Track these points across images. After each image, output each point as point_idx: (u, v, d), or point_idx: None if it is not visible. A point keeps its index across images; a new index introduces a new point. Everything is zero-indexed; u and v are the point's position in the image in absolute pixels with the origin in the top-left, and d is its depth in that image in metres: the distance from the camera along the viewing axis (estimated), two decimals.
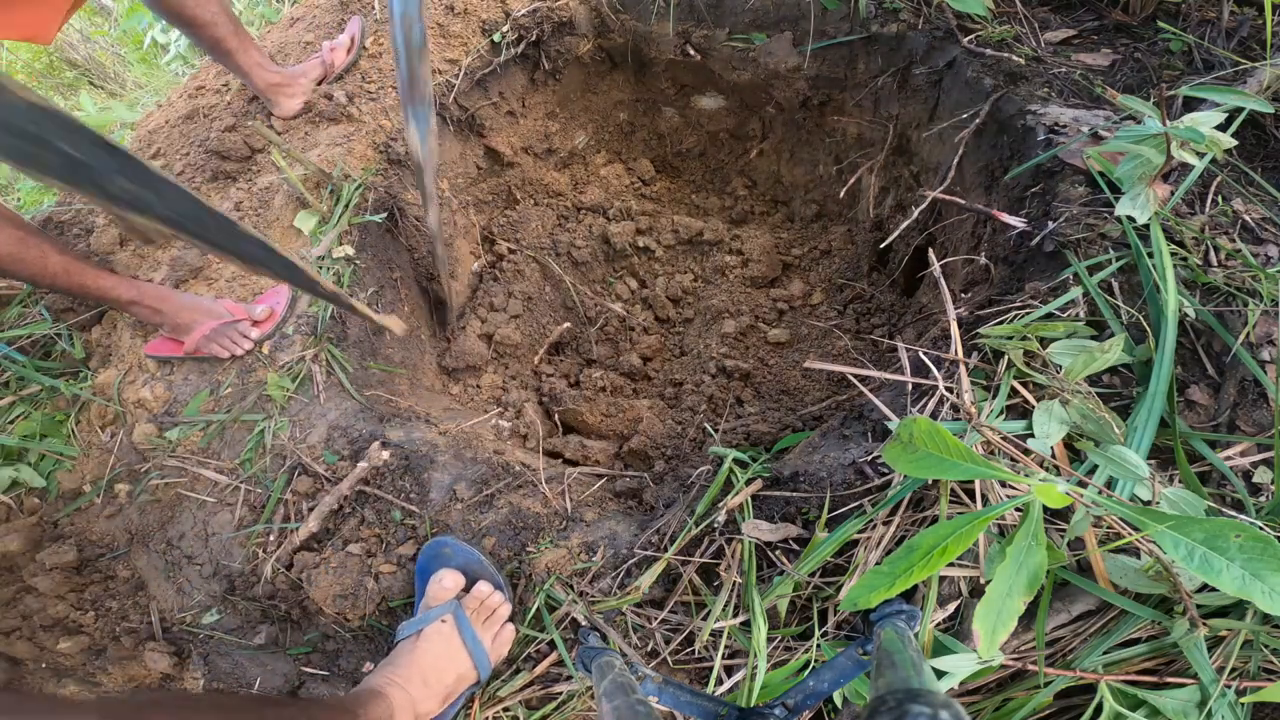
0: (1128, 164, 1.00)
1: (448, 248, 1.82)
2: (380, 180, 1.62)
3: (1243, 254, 0.97)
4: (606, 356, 1.86)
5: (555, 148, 2.10)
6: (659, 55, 1.91)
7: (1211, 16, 1.33)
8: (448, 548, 1.05)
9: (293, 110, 1.66)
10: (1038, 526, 0.65)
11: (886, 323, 1.66)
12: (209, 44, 1.49)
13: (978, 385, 0.92)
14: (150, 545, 1.22)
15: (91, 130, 0.58)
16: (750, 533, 0.93)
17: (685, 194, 2.18)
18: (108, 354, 1.41)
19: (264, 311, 1.34)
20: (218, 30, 1.47)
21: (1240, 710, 0.71)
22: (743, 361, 1.68)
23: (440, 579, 1.01)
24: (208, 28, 1.45)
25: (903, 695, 0.47)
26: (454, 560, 1.05)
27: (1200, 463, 0.83)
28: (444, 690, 0.94)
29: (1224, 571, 0.58)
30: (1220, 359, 0.91)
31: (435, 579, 1.02)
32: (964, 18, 1.49)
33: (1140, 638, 0.76)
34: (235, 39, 1.51)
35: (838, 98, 1.79)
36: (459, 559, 1.04)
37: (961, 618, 0.80)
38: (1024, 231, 1.11)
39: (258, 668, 1.11)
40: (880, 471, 0.92)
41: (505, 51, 1.82)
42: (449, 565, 1.04)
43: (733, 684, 0.87)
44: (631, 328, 1.90)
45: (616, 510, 1.16)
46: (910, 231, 1.56)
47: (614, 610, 0.96)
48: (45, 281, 1.19)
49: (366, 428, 1.24)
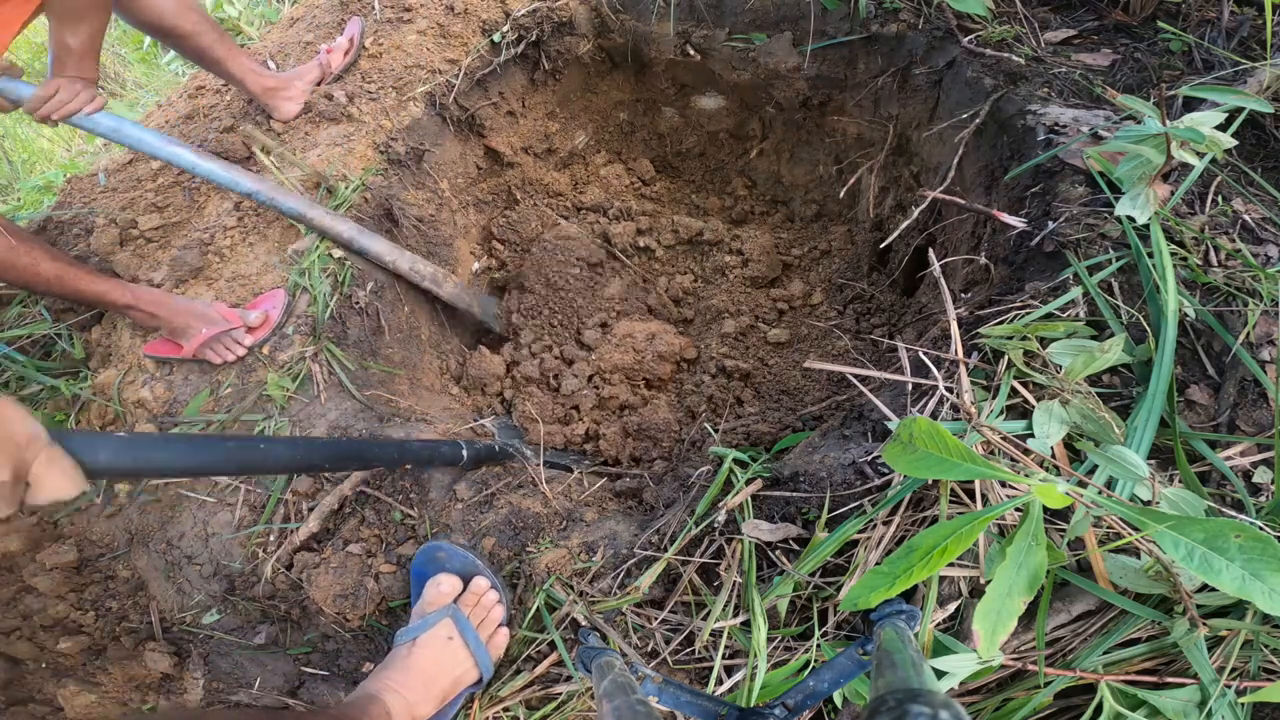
0: (1128, 164, 1.00)
1: (447, 248, 1.82)
2: (380, 180, 1.62)
3: (1243, 254, 0.97)
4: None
5: (555, 148, 2.10)
6: (659, 55, 1.91)
7: (1211, 16, 1.33)
8: (442, 552, 1.05)
9: (291, 113, 1.65)
10: (1038, 526, 0.65)
11: (886, 323, 1.66)
12: (195, 54, 1.48)
13: (978, 385, 0.92)
14: (150, 545, 1.22)
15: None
16: (750, 533, 0.93)
17: (685, 194, 2.18)
18: (107, 354, 1.41)
19: (258, 318, 1.34)
20: (202, 40, 1.46)
21: (1240, 710, 0.71)
22: (743, 361, 1.68)
23: (438, 583, 1.01)
24: (190, 38, 1.44)
25: (903, 695, 0.47)
26: (450, 565, 1.04)
27: (1200, 463, 0.83)
28: (441, 692, 0.94)
29: (1224, 571, 0.58)
30: (1220, 359, 0.91)
31: (433, 583, 1.02)
32: (964, 18, 1.49)
33: (1140, 638, 0.76)
34: (222, 47, 1.50)
35: (838, 98, 1.79)
36: (455, 563, 1.04)
37: (961, 618, 0.80)
38: (1024, 231, 1.11)
39: (257, 668, 1.11)
40: (880, 471, 0.92)
41: (505, 51, 1.82)
42: (445, 569, 1.04)
43: (733, 684, 0.87)
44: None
45: (616, 510, 1.16)
46: (910, 231, 1.56)
47: (614, 610, 0.96)
48: (39, 288, 1.20)
49: (366, 428, 1.24)
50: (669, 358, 1.69)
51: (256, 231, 1.49)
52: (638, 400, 1.65)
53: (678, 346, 1.71)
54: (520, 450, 1.36)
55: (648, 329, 1.73)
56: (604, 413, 1.65)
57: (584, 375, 1.68)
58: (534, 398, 1.66)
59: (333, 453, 0.90)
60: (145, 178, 1.67)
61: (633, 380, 1.68)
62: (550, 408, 1.65)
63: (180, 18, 1.41)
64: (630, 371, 1.67)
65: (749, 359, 1.70)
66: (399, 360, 1.53)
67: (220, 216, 1.52)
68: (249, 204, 1.53)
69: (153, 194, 1.61)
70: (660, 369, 1.67)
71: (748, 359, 1.70)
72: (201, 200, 1.59)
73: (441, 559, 1.05)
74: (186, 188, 1.61)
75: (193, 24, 1.44)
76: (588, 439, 1.59)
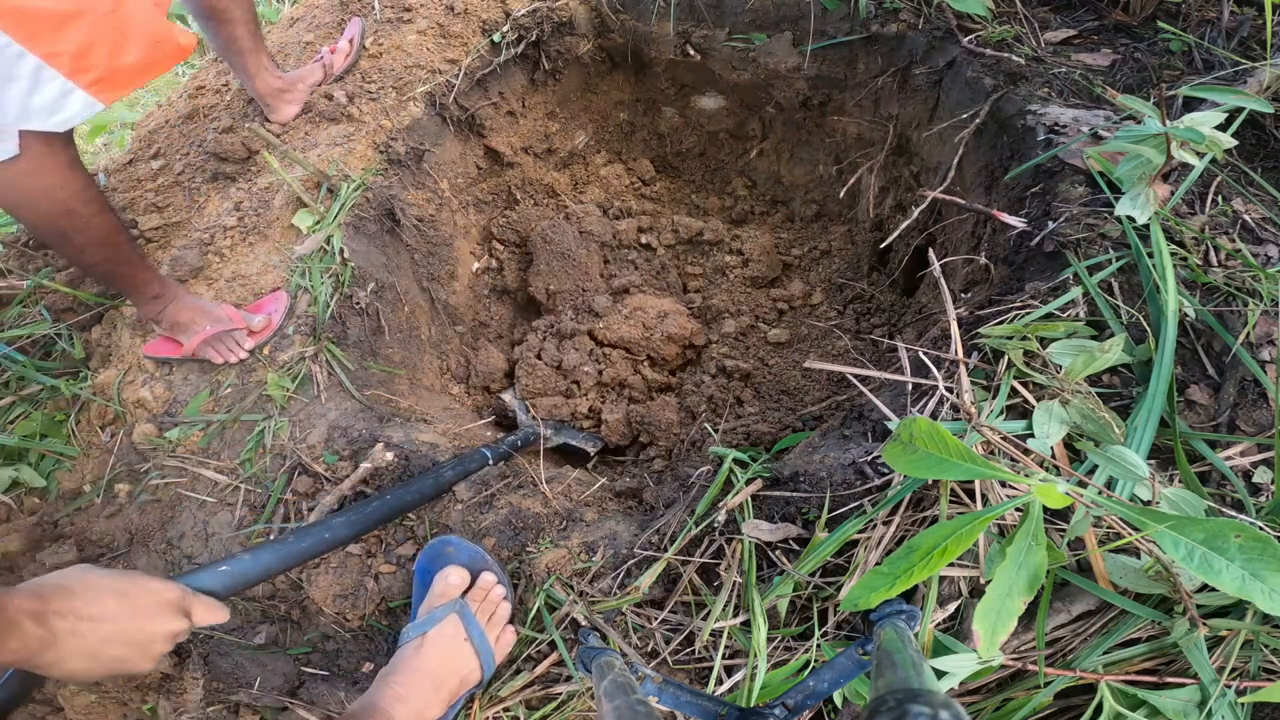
0: (1128, 164, 1.00)
1: (447, 248, 1.82)
2: (381, 180, 1.62)
3: (1243, 254, 0.97)
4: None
5: (555, 148, 2.10)
6: (659, 55, 1.91)
7: (1211, 16, 1.33)
8: (451, 546, 1.05)
9: (289, 116, 1.66)
10: (1038, 526, 0.65)
11: (886, 323, 1.66)
12: (226, 41, 1.48)
13: (978, 385, 0.92)
14: (150, 545, 1.21)
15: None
16: (750, 533, 0.93)
17: (685, 194, 2.18)
18: (108, 354, 1.41)
19: (261, 321, 1.34)
20: (238, 29, 1.47)
21: (1240, 710, 0.71)
22: (743, 361, 1.68)
23: (446, 575, 1.01)
24: (231, 25, 1.45)
25: (903, 695, 0.47)
26: (459, 558, 1.04)
27: (1200, 463, 0.83)
28: (449, 694, 0.94)
29: (1224, 571, 0.58)
30: (1220, 359, 0.91)
31: (441, 575, 1.02)
32: (964, 18, 1.49)
33: (1140, 638, 0.76)
34: (252, 39, 1.51)
35: (838, 98, 1.79)
36: (464, 557, 1.04)
37: (961, 618, 0.80)
38: (1024, 231, 1.11)
39: (257, 668, 1.11)
40: (880, 471, 0.92)
41: (505, 51, 1.82)
42: (454, 563, 1.04)
43: (733, 684, 0.87)
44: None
45: (616, 510, 1.16)
46: (910, 231, 1.56)
47: (614, 610, 0.96)
48: (106, 265, 1.17)
49: (366, 428, 1.24)
50: (677, 340, 1.67)
51: (256, 231, 1.49)
52: (638, 381, 1.63)
53: (688, 331, 1.68)
54: (539, 431, 1.38)
55: (660, 306, 1.70)
56: (606, 390, 1.63)
57: (585, 349, 1.65)
58: (537, 370, 1.64)
59: (385, 511, 1.02)
60: (145, 178, 1.67)
61: (635, 357, 1.65)
62: (552, 381, 1.64)
63: (233, 1, 1.42)
64: (635, 347, 1.64)
65: (749, 359, 1.70)
66: (399, 360, 1.53)
67: (220, 216, 1.52)
68: (249, 204, 1.53)
69: (153, 194, 1.61)
70: (666, 350, 1.65)
71: (748, 359, 1.70)
72: (201, 200, 1.59)
73: (450, 553, 1.04)
74: (186, 188, 1.61)
75: (242, 11, 1.44)
76: (590, 416, 1.59)
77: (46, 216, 1.06)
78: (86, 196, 1.08)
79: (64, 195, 1.04)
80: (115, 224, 1.15)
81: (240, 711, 1.04)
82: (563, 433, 1.55)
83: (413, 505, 1.08)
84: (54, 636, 0.62)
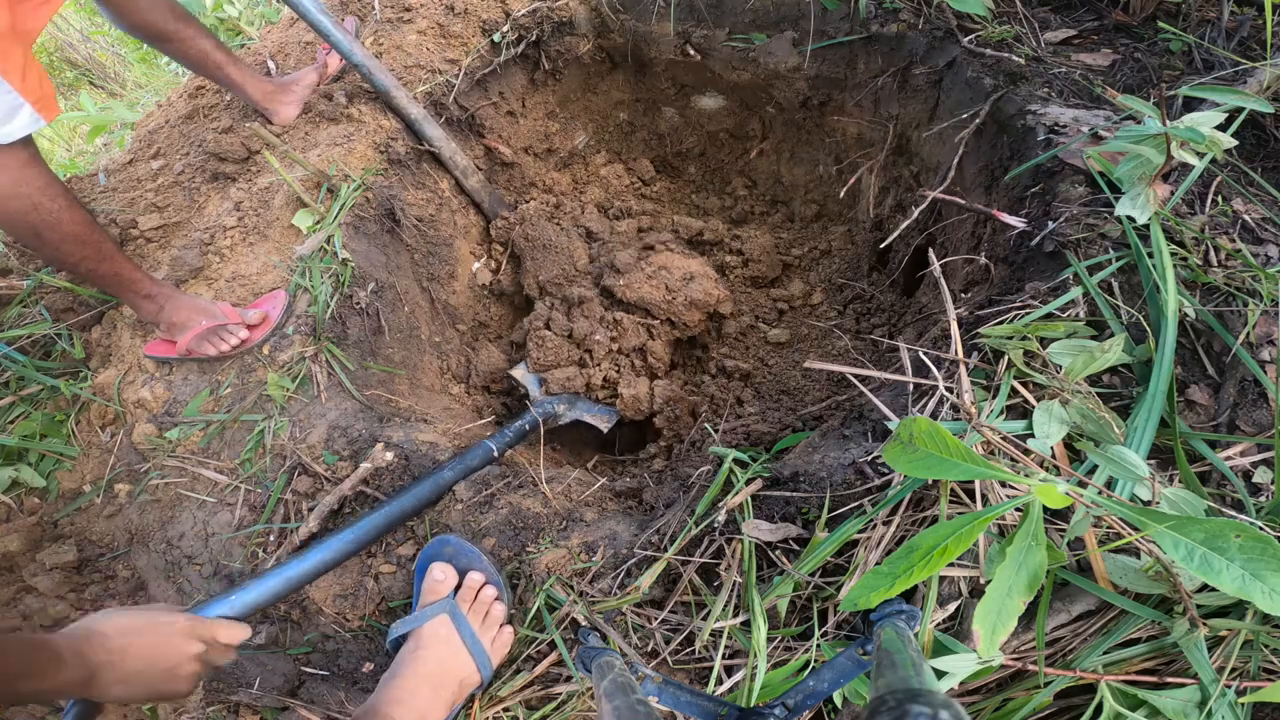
0: (1128, 164, 1.00)
1: (447, 248, 1.82)
2: (381, 180, 1.62)
3: (1243, 254, 0.97)
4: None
5: (555, 148, 2.10)
6: (659, 55, 1.91)
7: (1211, 16, 1.33)
8: (450, 546, 1.05)
9: (289, 118, 1.66)
10: (1038, 526, 0.65)
11: (886, 323, 1.66)
12: (195, 60, 1.48)
13: (978, 385, 0.92)
14: (150, 545, 1.21)
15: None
16: (750, 533, 0.93)
17: (685, 194, 2.18)
18: (108, 354, 1.41)
19: (257, 316, 1.34)
20: (199, 43, 1.46)
21: (1240, 710, 0.71)
22: (743, 361, 1.67)
23: (431, 572, 1.02)
24: (186, 43, 1.44)
25: (903, 695, 0.47)
26: (457, 560, 1.04)
27: (1200, 463, 0.83)
28: (450, 696, 0.94)
29: (1224, 571, 0.58)
30: (1220, 359, 0.91)
31: (428, 573, 1.02)
32: (964, 18, 1.49)
33: (1140, 638, 0.76)
34: (220, 51, 1.50)
35: (838, 98, 1.79)
36: (460, 558, 1.04)
37: (961, 618, 0.80)
38: (1024, 231, 1.11)
39: (257, 667, 1.11)
40: (880, 471, 0.92)
41: (505, 51, 1.82)
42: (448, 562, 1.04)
43: (733, 684, 0.87)
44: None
45: (616, 510, 1.16)
46: (910, 231, 1.56)
47: (614, 610, 0.96)
48: (71, 257, 1.17)
49: (366, 428, 1.24)
50: (701, 306, 1.56)
51: (256, 231, 1.49)
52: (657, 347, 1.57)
53: (715, 297, 1.56)
54: (548, 409, 1.37)
55: (687, 267, 1.59)
56: (619, 358, 1.58)
57: (595, 316, 1.59)
58: (547, 342, 1.58)
59: (383, 523, 1.05)
60: (145, 178, 1.67)
61: (652, 322, 1.56)
62: (564, 351, 1.58)
63: (172, 23, 1.41)
64: (655, 309, 1.54)
65: (749, 359, 1.70)
66: (399, 360, 1.53)
67: (220, 216, 1.52)
68: (249, 204, 1.53)
69: (153, 194, 1.61)
70: (688, 315, 1.54)
71: (748, 359, 1.70)
72: (201, 200, 1.59)
73: (448, 553, 1.05)
74: (186, 188, 1.61)
75: (194, 28, 1.44)
76: (605, 386, 1.56)
77: (16, 214, 1.08)
78: (51, 192, 1.09)
79: (27, 190, 1.06)
80: (86, 219, 1.16)
81: (240, 711, 1.04)
82: (577, 407, 1.50)
83: (418, 513, 1.11)
84: (95, 668, 0.72)
